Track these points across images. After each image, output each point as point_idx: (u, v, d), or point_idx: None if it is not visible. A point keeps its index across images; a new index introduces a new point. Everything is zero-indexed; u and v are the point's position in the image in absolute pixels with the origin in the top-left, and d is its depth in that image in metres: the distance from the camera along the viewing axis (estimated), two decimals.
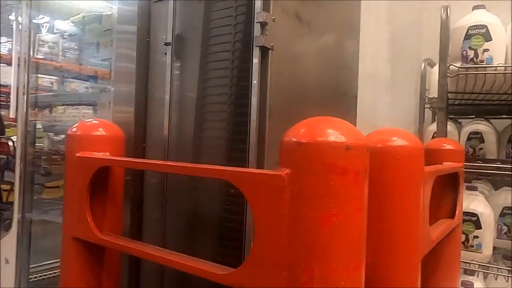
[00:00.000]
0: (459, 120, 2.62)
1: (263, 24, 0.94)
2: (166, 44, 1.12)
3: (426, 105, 2.57)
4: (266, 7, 0.95)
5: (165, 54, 1.14)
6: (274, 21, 0.96)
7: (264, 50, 0.95)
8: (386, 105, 3.05)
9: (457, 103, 2.20)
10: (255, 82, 0.94)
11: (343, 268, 0.59)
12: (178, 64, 1.14)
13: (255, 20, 0.94)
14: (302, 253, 0.59)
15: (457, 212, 1.33)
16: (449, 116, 2.53)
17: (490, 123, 2.37)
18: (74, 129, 1.00)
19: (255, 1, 0.95)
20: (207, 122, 1.07)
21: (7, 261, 1.99)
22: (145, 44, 1.21)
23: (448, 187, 1.38)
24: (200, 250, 1.06)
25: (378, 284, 0.80)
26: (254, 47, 0.95)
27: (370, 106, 2.78)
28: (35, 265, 2.09)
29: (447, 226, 1.22)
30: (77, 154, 0.95)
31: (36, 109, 1.93)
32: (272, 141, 0.97)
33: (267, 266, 0.62)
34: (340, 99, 1.33)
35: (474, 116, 2.46)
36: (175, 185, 1.11)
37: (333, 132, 0.59)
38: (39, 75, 1.93)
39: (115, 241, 0.87)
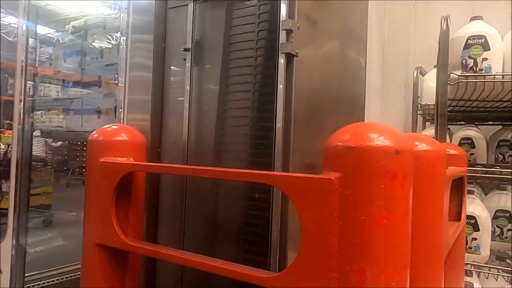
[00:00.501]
0: (448, 126, 2.71)
1: (288, 32, 0.96)
2: (186, 50, 1.13)
3: (418, 112, 2.64)
4: (291, 15, 0.97)
5: (184, 59, 1.14)
6: (298, 29, 0.98)
7: (290, 57, 0.97)
8: (378, 111, 3.13)
9: (449, 110, 2.27)
10: (281, 88, 0.96)
11: (393, 269, 0.60)
12: (197, 69, 1.14)
13: (281, 28, 0.96)
14: (354, 255, 0.60)
15: (462, 215, 1.37)
16: None
17: (479, 129, 2.47)
18: (96, 135, 0.99)
19: (281, 9, 0.97)
20: (228, 128, 1.08)
21: (0, 271, 1.93)
22: (161, 51, 1.21)
23: (453, 191, 1.42)
24: (220, 256, 1.06)
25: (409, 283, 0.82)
26: (279, 54, 0.96)
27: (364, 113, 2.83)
28: (31, 274, 2.03)
29: (456, 228, 1.26)
30: (101, 160, 0.94)
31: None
32: (297, 145, 0.99)
33: (316, 269, 0.63)
34: (351, 107, 1.36)
35: (463, 123, 2.55)
36: (194, 191, 1.11)
37: (381, 137, 0.61)
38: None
39: (145, 246, 0.86)
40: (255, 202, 1.00)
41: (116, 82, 1.48)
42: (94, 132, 1.00)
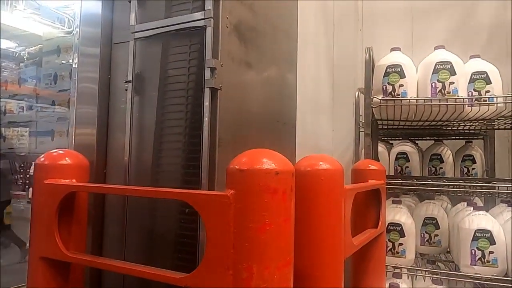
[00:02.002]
0: (391, 142, 2.98)
1: (212, 69, 1.13)
2: (127, 82, 1.27)
3: (361, 129, 2.88)
4: (215, 55, 1.14)
5: (126, 90, 1.28)
6: (222, 66, 1.15)
7: (214, 91, 1.13)
8: (329, 129, 3.36)
9: (386, 127, 2.52)
10: (206, 117, 1.12)
11: (275, 266, 0.76)
12: (138, 99, 1.29)
13: (206, 65, 1.13)
14: (244, 256, 0.76)
15: (380, 222, 1.57)
16: (382, 138, 2.88)
17: (416, 144, 2.73)
18: (42, 159, 1.11)
19: (206, 50, 1.14)
20: (164, 150, 1.23)
21: None
22: (107, 81, 1.35)
23: (373, 201, 1.62)
24: (157, 263, 1.19)
25: (310, 279, 0.99)
26: (205, 88, 1.13)
27: (314, 130, 3.07)
28: None
29: (371, 234, 1.45)
30: (46, 181, 1.06)
31: None
32: (222, 166, 1.14)
33: (217, 268, 0.78)
34: (281, 129, 1.55)
35: (401, 138, 2.81)
36: (135, 206, 1.25)
37: (267, 161, 0.78)
38: None
39: (83, 257, 0.99)
40: (186, 216, 1.15)
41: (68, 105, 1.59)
42: (41, 156, 1.12)
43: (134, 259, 1.23)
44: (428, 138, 2.82)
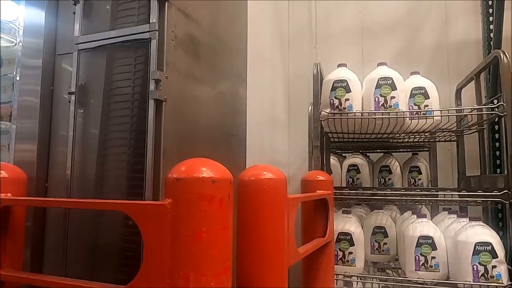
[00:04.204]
0: (344, 155, 3.08)
1: (157, 81, 1.13)
2: (70, 93, 1.25)
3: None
4: (160, 67, 1.15)
5: (69, 102, 1.26)
6: (167, 78, 1.16)
7: (158, 102, 1.14)
8: (286, 142, 3.43)
9: (337, 140, 2.61)
10: (150, 128, 1.12)
11: (212, 273, 0.77)
12: (82, 111, 1.26)
13: (150, 77, 1.14)
14: (181, 264, 0.76)
15: (327, 231, 1.61)
16: (336, 151, 2.98)
17: (367, 156, 2.84)
18: None
19: (150, 62, 1.15)
20: (108, 163, 1.21)
21: None
22: (49, 93, 1.32)
23: (322, 211, 1.67)
24: (101, 278, 1.16)
25: (254, 286, 1.00)
26: (149, 100, 1.13)
27: (270, 144, 3.11)
28: None
29: (318, 242, 1.49)
30: None
31: None
32: None
33: (154, 277, 0.77)
34: (230, 140, 1.57)
35: (352, 151, 2.92)
36: (77, 220, 1.21)
37: (204, 170, 0.80)
38: None
39: (17, 275, 0.94)
40: (129, 229, 1.13)
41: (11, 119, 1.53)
42: None
43: (77, 274, 1.19)
44: (378, 150, 2.95)
